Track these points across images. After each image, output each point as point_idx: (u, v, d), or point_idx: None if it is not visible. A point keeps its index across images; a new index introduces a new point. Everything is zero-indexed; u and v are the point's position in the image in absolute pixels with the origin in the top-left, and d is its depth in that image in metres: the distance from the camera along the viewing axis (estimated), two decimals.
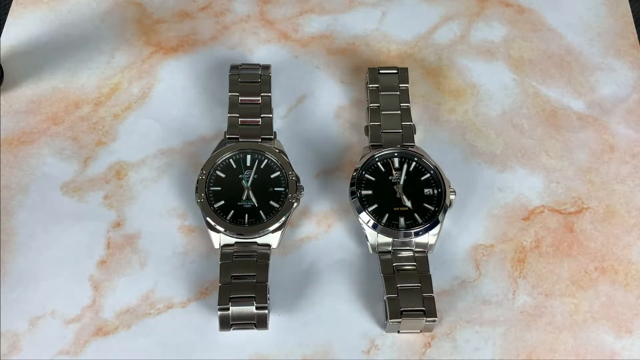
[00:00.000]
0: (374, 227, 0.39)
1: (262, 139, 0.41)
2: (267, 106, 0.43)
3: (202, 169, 0.40)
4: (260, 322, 0.36)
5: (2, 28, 0.48)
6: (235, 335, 0.37)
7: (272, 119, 0.42)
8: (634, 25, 0.50)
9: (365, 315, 0.39)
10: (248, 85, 0.43)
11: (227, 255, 0.38)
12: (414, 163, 0.41)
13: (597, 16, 0.51)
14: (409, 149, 0.41)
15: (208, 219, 0.39)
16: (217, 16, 0.50)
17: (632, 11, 0.51)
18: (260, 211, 0.39)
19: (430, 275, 0.38)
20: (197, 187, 0.39)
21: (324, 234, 0.41)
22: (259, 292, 0.36)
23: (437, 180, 0.40)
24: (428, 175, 0.41)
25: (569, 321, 0.38)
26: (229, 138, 0.42)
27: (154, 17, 0.49)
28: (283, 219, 0.39)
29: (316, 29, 0.49)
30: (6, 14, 0.49)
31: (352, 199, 0.40)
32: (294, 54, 0.48)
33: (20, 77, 0.46)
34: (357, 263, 0.40)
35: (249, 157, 0.41)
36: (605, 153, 0.45)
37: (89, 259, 0.40)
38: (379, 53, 0.49)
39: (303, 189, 0.40)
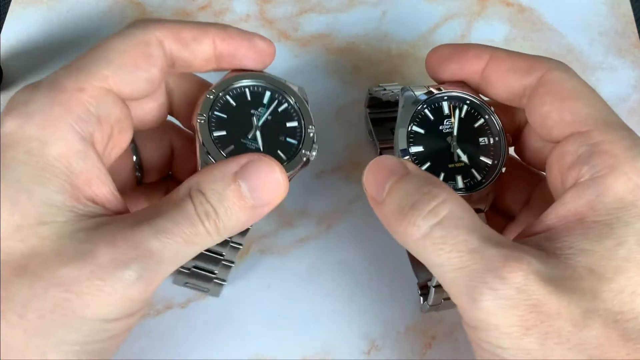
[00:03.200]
0: None
1: None
2: None
3: (212, 88, 0.34)
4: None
5: (2, 28, 0.48)
6: (236, 335, 0.37)
7: None
8: (634, 25, 0.50)
9: (365, 316, 0.38)
10: None
11: None
12: (465, 107, 0.34)
13: (597, 15, 0.51)
14: (455, 90, 0.34)
15: (204, 143, 0.32)
16: (216, 15, 0.50)
17: (633, 10, 0.51)
18: None
19: None
20: (201, 106, 0.33)
21: (324, 234, 0.41)
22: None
23: (493, 126, 0.34)
24: (482, 120, 0.34)
25: None
26: None
27: (153, 17, 0.49)
28: (289, 174, 0.32)
29: (316, 28, 0.49)
30: (6, 13, 0.49)
31: (405, 157, 0.32)
32: (294, 54, 0.48)
33: (20, 77, 0.46)
34: (357, 263, 0.40)
35: (268, 93, 0.35)
36: None
37: None
38: (379, 52, 0.48)
39: (317, 150, 0.34)
